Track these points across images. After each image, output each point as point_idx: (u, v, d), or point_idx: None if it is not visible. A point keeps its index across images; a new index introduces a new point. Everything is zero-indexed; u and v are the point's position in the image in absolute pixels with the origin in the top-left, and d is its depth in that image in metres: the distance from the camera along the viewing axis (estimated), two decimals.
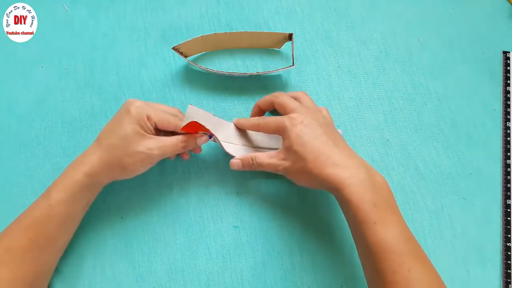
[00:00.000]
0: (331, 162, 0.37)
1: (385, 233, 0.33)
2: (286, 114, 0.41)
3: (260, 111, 0.46)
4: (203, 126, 0.40)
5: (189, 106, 0.41)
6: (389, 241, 0.33)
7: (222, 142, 0.43)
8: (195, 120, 0.39)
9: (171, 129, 0.41)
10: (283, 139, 0.40)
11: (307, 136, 0.38)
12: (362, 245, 0.35)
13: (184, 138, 0.41)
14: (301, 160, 0.38)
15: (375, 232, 0.34)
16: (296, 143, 0.38)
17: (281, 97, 0.43)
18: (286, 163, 0.40)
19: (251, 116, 0.47)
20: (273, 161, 0.40)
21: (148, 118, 0.39)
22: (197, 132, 0.42)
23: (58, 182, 0.38)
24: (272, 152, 0.41)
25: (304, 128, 0.38)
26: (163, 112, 0.41)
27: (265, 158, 0.41)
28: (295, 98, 0.43)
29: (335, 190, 0.36)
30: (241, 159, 0.42)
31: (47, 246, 0.38)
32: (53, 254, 0.39)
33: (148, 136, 0.40)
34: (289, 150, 0.39)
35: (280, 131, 0.40)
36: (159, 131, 0.42)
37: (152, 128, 0.40)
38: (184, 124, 0.40)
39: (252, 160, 0.42)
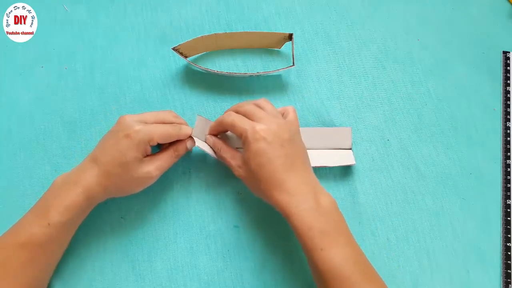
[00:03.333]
0: (282, 189, 0.37)
1: (333, 258, 0.34)
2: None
3: (219, 132, 0.44)
4: None
5: (198, 117, 0.43)
6: (337, 266, 0.34)
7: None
8: (201, 136, 0.43)
9: (173, 140, 0.42)
10: (243, 148, 0.40)
11: (265, 157, 0.37)
12: (314, 271, 0.36)
13: (175, 148, 0.42)
14: (254, 178, 0.38)
15: (323, 258, 0.35)
16: (253, 161, 0.38)
17: (246, 106, 0.41)
18: (242, 172, 0.40)
19: (210, 128, 0.44)
20: (232, 163, 0.41)
21: (150, 141, 0.39)
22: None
23: (59, 203, 0.38)
24: (236, 153, 0.42)
25: (264, 146, 0.37)
26: (163, 128, 0.40)
27: (228, 155, 0.42)
28: (258, 106, 0.41)
29: (284, 215, 0.37)
30: (213, 143, 0.43)
31: (44, 262, 0.38)
32: (50, 266, 0.40)
33: (146, 160, 0.40)
34: (246, 163, 0.39)
35: (242, 139, 0.39)
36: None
37: (149, 150, 0.40)
38: (193, 134, 0.43)
39: (217, 150, 0.43)
